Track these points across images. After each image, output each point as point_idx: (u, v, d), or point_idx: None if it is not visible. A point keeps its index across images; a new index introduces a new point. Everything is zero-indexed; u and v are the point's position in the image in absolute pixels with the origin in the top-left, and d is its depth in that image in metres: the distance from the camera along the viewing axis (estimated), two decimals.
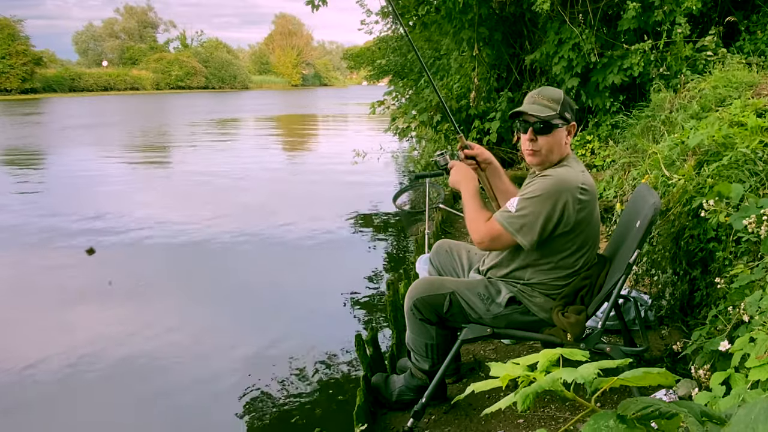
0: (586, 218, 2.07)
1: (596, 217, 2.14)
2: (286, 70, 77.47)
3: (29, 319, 4.07)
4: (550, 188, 2.02)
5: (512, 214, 2.05)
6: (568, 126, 2.12)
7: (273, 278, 4.91)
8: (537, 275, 2.14)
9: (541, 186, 2.03)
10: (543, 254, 2.11)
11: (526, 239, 2.04)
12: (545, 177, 2.06)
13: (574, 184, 2.02)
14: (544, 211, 2.01)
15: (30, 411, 2.95)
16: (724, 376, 1.69)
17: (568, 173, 2.05)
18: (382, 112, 10.15)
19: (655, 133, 4.34)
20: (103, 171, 10.36)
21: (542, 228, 2.02)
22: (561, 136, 2.11)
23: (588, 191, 2.05)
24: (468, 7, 6.32)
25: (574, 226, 2.06)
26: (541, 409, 2.34)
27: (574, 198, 2.02)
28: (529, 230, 2.03)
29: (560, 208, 2.01)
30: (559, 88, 2.21)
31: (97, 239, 5.91)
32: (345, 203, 7.55)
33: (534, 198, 2.02)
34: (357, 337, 2.70)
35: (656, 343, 2.72)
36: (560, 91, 2.14)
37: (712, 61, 5.01)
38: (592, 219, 2.10)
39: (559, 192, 2.01)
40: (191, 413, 2.94)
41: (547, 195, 2.01)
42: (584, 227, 2.08)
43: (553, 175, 2.05)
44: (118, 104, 33.43)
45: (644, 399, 0.61)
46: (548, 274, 2.13)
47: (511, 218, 2.05)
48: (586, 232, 2.10)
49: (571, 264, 2.13)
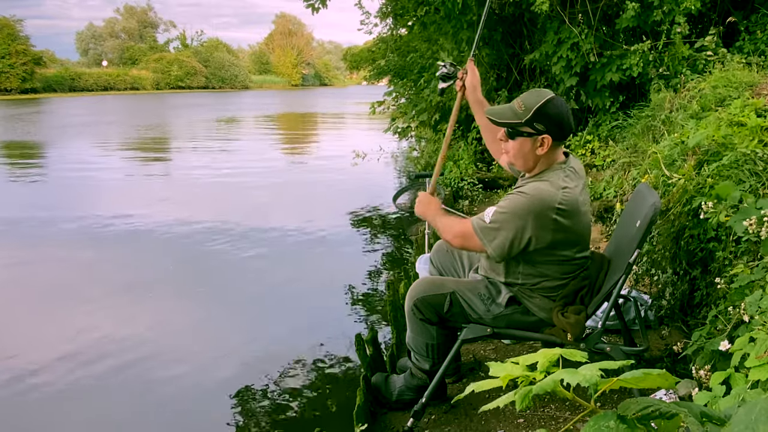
0: (567, 235, 2.03)
1: (583, 229, 2.08)
2: (286, 70, 77.42)
3: (20, 317, 4.06)
4: (522, 209, 1.97)
5: (486, 224, 2.04)
6: (537, 137, 2.01)
7: (272, 278, 4.91)
8: (529, 279, 2.13)
9: (514, 204, 2.00)
10: (526, 261, 2.10)
11: (496, 253, 2.03)
12: (521, 194, 2.00)
13: (549, 205, 1.96)
14: (514, 231, 1.98)
15: (29, 410, 2.95)
16: (724, 376, 1.69)
17: (544, 192, 1.97)
18: (381, 111, 10.15)
19: (655, 133, 4.35)
20: (102, 169, 10.35)
21: (510, 246, 2.01)
22: (526, 146, 2.02)
23: (566, 210, 1.97)
24: (467, 8, 6.32)
25: (553, 244, 2.02)
26: (541, 409, 2.34)
27: (547, 219, 1.97)
28: (499, 245, 2.02)
29: (530, 229, 1.97)
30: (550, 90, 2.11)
31: (94, 238, 5.91)
32: (345, 203, 7.56)
33: (506, 214, 2.00)
34: (357, 337, 2.70)
35: (656, 343, 2.72)
36: (543, 99, 1.99)
37: (712, 61, 5.01)
38: (575, 234, 2.05)
39: (531, 214, 1.96)
40: (190, 413, 2.94)
41: (518, 215, 1.97)
42: (565, 242, 2.04)
43: (529, 193, 1.99)
44: (118, 104, 33.42)
45: (644, 399, 0.61)
46: (537, 279, 2.12)
47: (484, 228, 2.04)
48: (568, 246, 2.06)
49: (561, 271, 2.11)
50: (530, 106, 1.99)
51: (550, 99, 2.00)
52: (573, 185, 2.02)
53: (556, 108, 2.01)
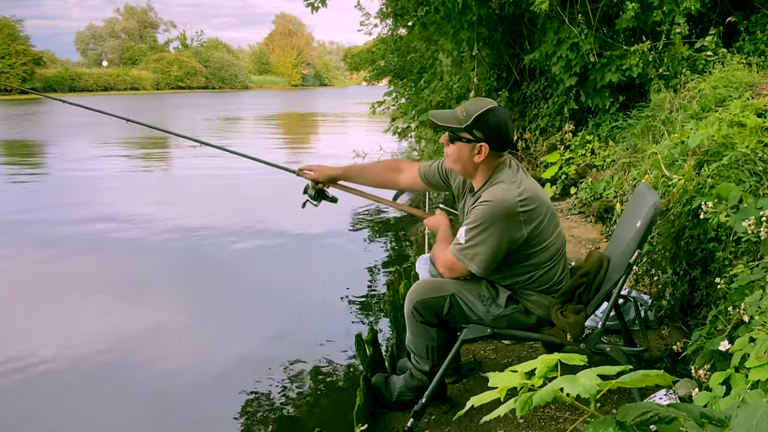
0: (537, 221, 2.06)
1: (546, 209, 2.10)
2: (286, 70, 77.38)
3: (20, 316, 4.06)
4: (490, 216, 2.00)
5: (462, 246, 2.06)
6: (474, 144, 2.04)
7: (272, 278, 4.91)
8: (519, 276, 2.15)
9: (482, 214, 2.02)
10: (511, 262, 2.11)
11: (480, 268, 2.06)
12: (485, 204, 2.03)
13: (512, 203, 2.01)
14: (490, 240, 2.01)
15: (28, 410, 2.95)
16: (724, 376, 1.69)
17: (504, 193, 2.02)
18: (381, 112, 10.14)
19: (655, 133, 4.34)
20: (102, 169, 10.35)
21: (493, 256, 2.04)
22: (464, 152, 2.06)
23: (527, 199, 2.02)
24: (467, 8, 6.32)
25: (530, 236, 2.05)
26: (541, 410, 2.34)
27: (516, 215, 2.01)
28: (482, 260, 2.04)
29: (506, 232, 2.01)
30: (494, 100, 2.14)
31: (94, 238, 5.91)
32: (344, 203, 7.53)
33: (477, 227, 2.02)
34: (357, 338, 2.70)
35: (656, 343, 2.72)
36: (484, 107, 2.03)
37: (712, 62, 5.01)
38: (542, 216, 2.07)
39: (500, 217, 2.00)
40: (190, 413, 2.94)
41: (488, 224, 2.01)
42: (539, 229, 2.07)
43: (491, 200, 2.02)
44: (118, 104, 33.41)
45: (643, 404, 0.61)
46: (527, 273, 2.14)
47: (462, 250, 2.06)
48: (542, 231, 2.08)
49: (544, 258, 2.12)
50: (471, 114, 2.03)
51: (492, 108, 2.05)
52: (520, 176, 2.09)
53: (496, 118, 2.05)
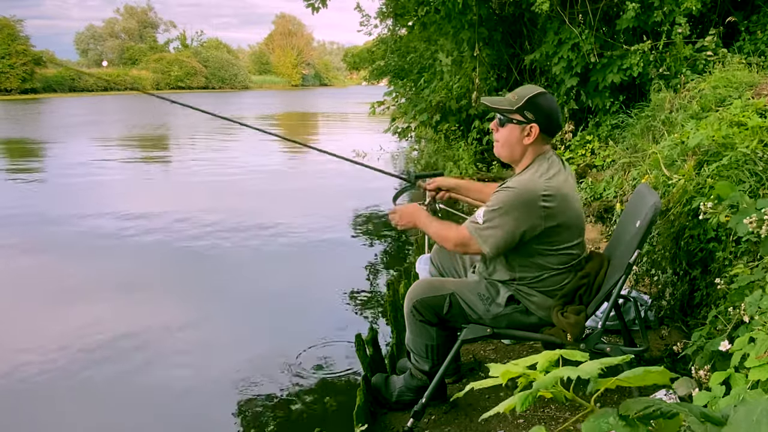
0: (559, 221, 2.05)
1: (574, 215, 2.10)
2: (286, 70, 77.40)
3: (19, 316, 4.06)
4: (510, 202, 2.02)
5: (480, 225, 2.07)
6: (525, 125, 2.08)
7: (272, 278, 4.90)
8: (529, 273, 2.14)
9: (503, 199, 2.04)
10: (521, 255, 2.12)
11: (492, 250, 2.06)
12: (507, 189, 2.05)
13: (535, 194, 2.01)
14: (506, 225, 2.02)
15: (29, 410, 2.95)
16: (724, 376, 1.69)
17: (529, 183, 2.04)
18: (381, 111, 10.15)
19: (655, 133, 4.34)
20: (102, 168, 10.35)
21: (507, 240, 2.04)
22: (514, 134, 2.10)
23: (553, 196, 2.02)
24: (467, 8, 6.33)
25: (546, 231, 2.05)
26: (541, 409, 2.34)
27: (536, 207, 2.01)
28: (495, 242, 2.05)
29: (523, 220, 2.02)
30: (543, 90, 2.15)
31: (93, 237, 5.91)
32: (344, 203, 7.56)
33: (496, 210, 2.04)
34: (357, 338, 2.70)
35: (656, 344, 2.72)
36: (536, 91, 2.09)
37: (712, 62, 5.01)
38: (566, 219, 2.07)
39: (520, 205, 2.01)
40: (190, 413, 2.93)
41: (507, 209, 2.02)
42: (559, 229, 2.07)
43: (514, 187, 2.04)
44: (118, 104, 33.43)
45: (645, 399, 0.61)
46: (537, 272, 2.13)
47: (479, 229, 2.07)
48: (562, 233, 2.08)
49: (558, 262, 2.12)
50: (522, 96, 2.09)
51: (543, 92, 2.11)
52: (555, 171, 2.08)
53: (548, 102, 2.11)
